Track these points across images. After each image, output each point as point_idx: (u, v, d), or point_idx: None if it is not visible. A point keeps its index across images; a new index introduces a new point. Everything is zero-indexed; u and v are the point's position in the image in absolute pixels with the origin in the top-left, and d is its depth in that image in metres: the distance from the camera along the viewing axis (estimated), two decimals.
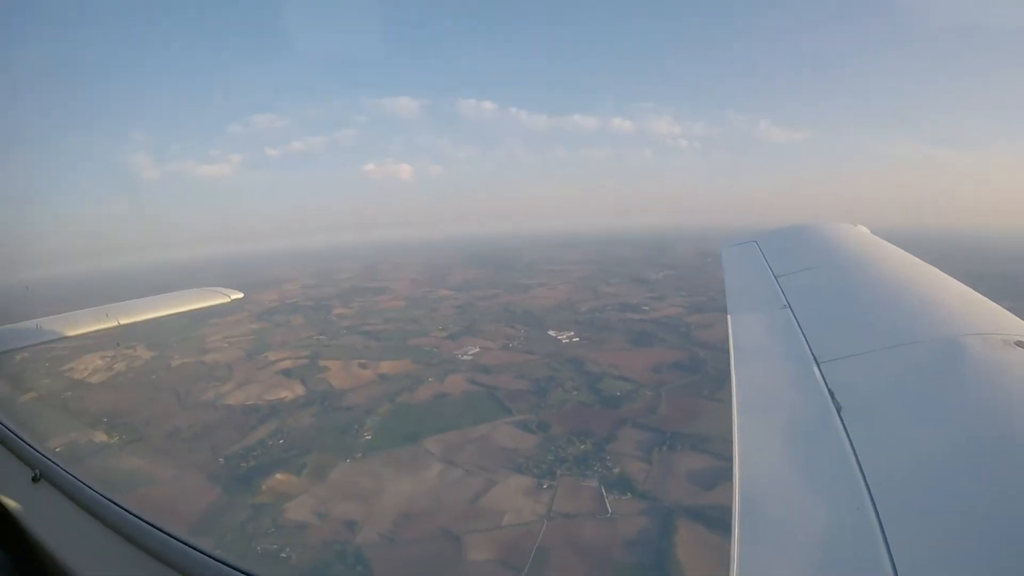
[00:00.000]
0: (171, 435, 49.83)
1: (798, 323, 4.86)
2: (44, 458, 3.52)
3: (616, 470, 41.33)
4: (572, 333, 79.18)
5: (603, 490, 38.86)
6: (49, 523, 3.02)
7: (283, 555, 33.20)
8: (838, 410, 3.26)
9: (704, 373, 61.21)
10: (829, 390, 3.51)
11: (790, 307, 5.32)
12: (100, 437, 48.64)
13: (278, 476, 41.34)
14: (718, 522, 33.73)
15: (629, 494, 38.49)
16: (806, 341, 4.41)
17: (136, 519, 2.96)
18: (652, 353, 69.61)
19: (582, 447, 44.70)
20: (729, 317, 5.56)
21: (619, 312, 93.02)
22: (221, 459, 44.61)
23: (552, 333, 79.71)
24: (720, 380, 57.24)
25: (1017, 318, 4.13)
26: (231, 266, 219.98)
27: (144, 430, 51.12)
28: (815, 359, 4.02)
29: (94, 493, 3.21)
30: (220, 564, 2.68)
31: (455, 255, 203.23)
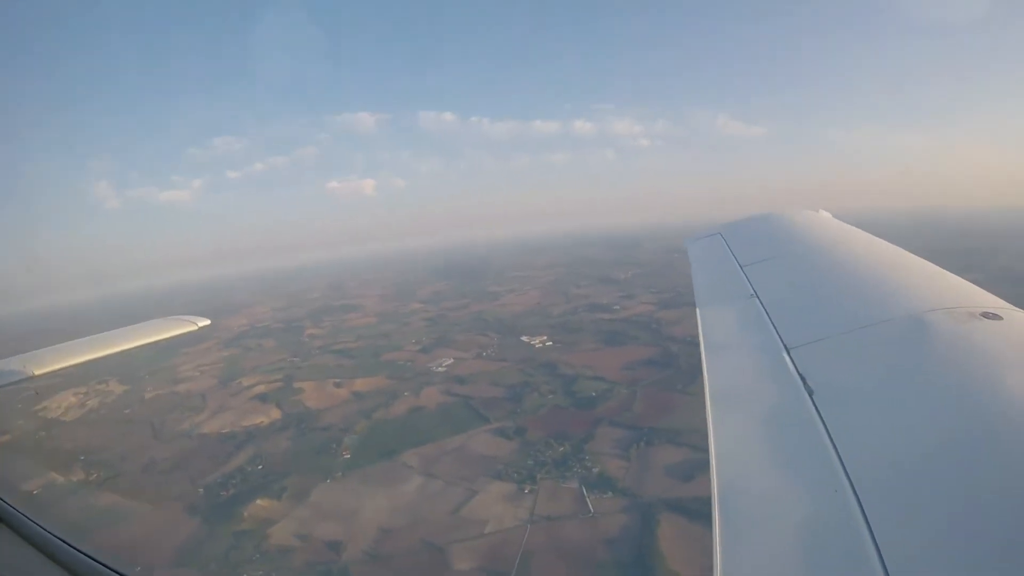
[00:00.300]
0: (147, 468, 49.51)
1: (766, 311, 4.92)
2: (5, 504, 3.58)
3: (596, 469, 41.86)
4: (545, 337, 79.96)
5: (584, 490, 39.27)
6: (8, 569, 3.13)
7: None
8: (810, 394, 3.29)
9: (677, 368, 62.32)
10: (800, 375, 3.55)
11: (757, 296, 5.37)
12: (77, 475, 48.00)
13: (259, 502, 41.23)
14: (699, 513, 34.38)
15: (610, 492, 38.98)
16: (774, 328, 4.47)
17: (95, 563, 3.03)
18: (625, 351, 70.61)
19: (560, 449, 45.15)
20: (697, 310, 5.57)
21: (590, 313, 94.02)
22: (200, 489, 44.29)
23: (525, 339, 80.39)
24: (693, 374, 58.46)
25: (982, 290, 4.25)
26: (197, 292, 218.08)
27: (120, 465, 50.72)
28: (784, 346, 4.08)
29: (53, 538, 3.26)
30: None
31: (424, 268, 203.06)
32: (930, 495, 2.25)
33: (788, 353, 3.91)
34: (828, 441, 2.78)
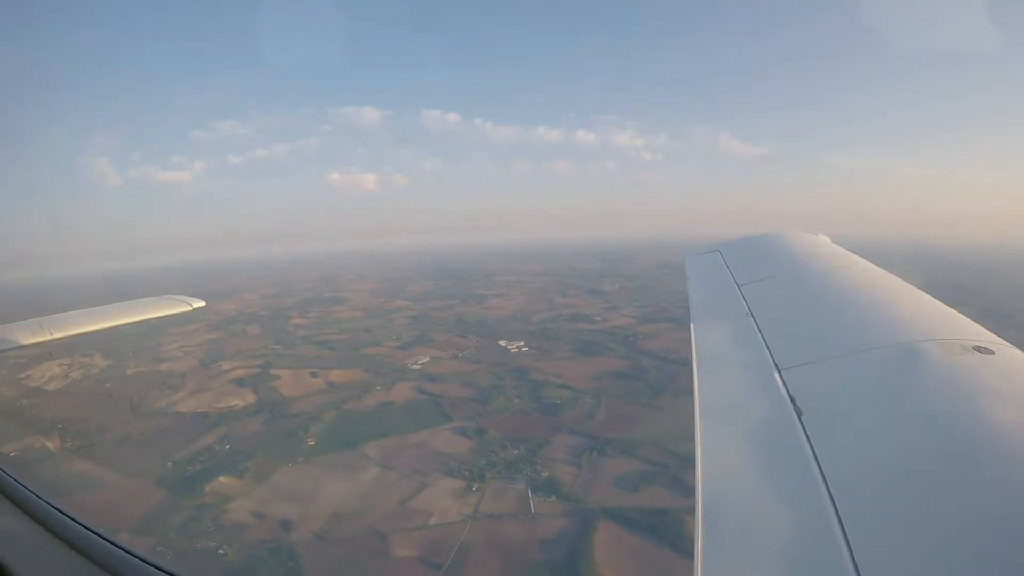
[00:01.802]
0: (122, 441, 51.57)
1: (760, 331, 4.95)
2: None
3: (545, 474, 43.32)
4: (522, 343, 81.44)
5: (529, 492, 40.78)
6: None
7: (220, 552, 35.25)
8: (799, 415, 3.32)
9: (644, 381, 64.14)
10: (790, 396, 3.58)
11: (752, 315, 5.41)
12: (54, 443, 50.01)
13: (221, 479, 43.31)
14: (638, 524, 36.36)
15: (554, 496, 40.26)
16: (768, 349, 4.50)
17: (81, 527, 3.05)
18: (597, 362, 72.11)
19: (515, 452, 46.73)
20: (692, 325, 5.60)
21: (571, 322, 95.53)
22: (169, 463, 46.25)
23: (503, 343, 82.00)
24: (659, 387, 60.65)
25: (975, 323, 4.29)
26: (192, 275, 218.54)
27: (96, 436, 52.79)
28: (776, 366, 4.11)
29: (39, 500, 3.31)
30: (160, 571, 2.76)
31: (417, 266, 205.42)
32: (913, 523, 2.27)
33: (779, 373, 3.98)
34: (814, 463, 2.82)
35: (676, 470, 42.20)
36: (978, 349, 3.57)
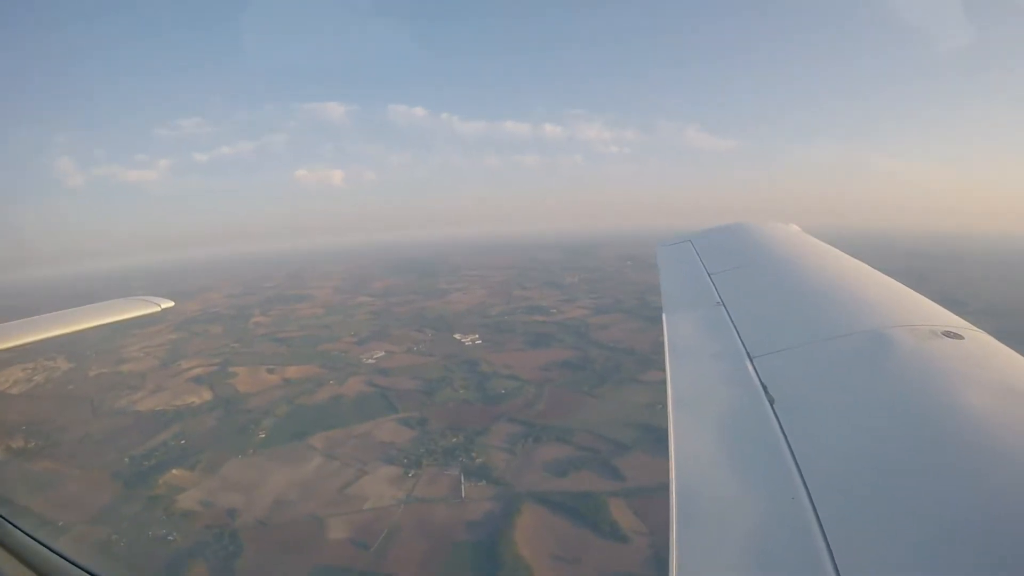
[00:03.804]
0: (83, 440, 54.33)
1: (731, 320, 4.95)
2: None
3: (479, 460, 46.05)
4: (476, 336, 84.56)
5: (462, 477, 43.57)
6: None
7: (169, 539, 38.11)
8: (771, 403, 3.34)
9: (590, 370, 67.47)
10: (762, 384, 3.60)
11: (723, 304, 5.40)
12: (18, 443, 52.90)
13: (174, 472, 46.28)
14: (561, 506, 39.39)
15: (484, 481, 43.04)
16: (739, 337, 4.50)
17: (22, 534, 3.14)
18: (546, 353, 75.34)
19: (454, 440, 49.60)
20: (664, 315, 5.56)
21: (527, 315, 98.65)
22: (126, 459, 49.05)
23: (457, 336, 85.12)
24: (604, 376, 64.20)
25: (944, 309, 4.29)
26: (159, 275, 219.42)
27: (58, 436, 55.46)
28: (748, 354, 4.12)
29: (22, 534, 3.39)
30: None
31: (383, 262, 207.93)
32: (884, 504, 2.29)
33: (751, 361, 3.98)
34: (787, 449, 2.84)
35: (606, 455, 45.94)
36: (947, 334, 3.62)
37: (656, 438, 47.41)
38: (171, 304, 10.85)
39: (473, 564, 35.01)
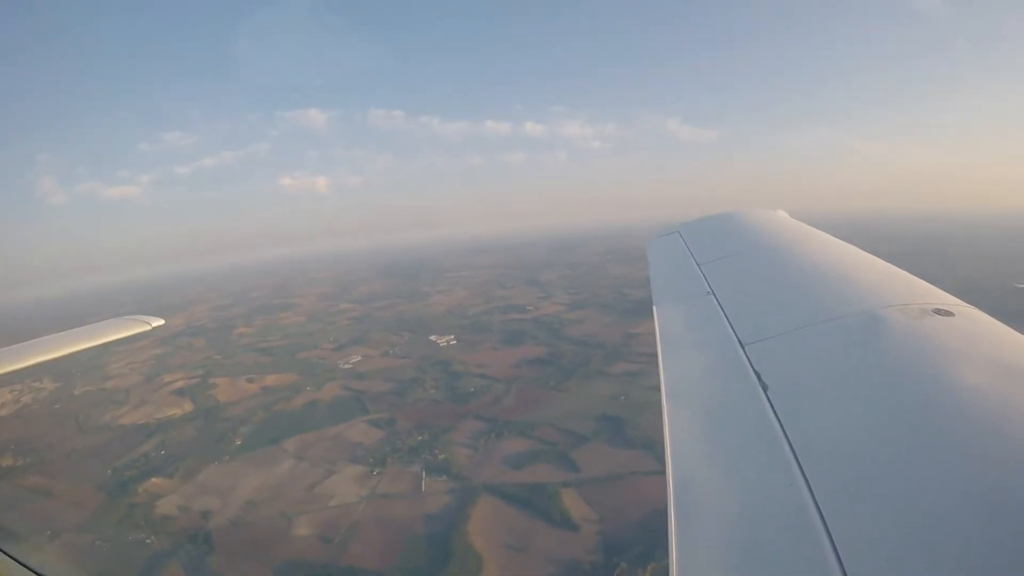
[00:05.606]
0: (70, 455, 56.81)
1: (722, 308, 4.94)
2: None
3: (442, 456, 48.27)
4: (452, 337, 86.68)
5: (424, 473, 45.81)
6: None
7: (148, 542, 40.69)
8: (765, 390, 3.33)
9: (559, 366, 69.73)
10: (755, 371, 3.58)
11: (713, 293, 5.39)
12: (7, 462, 55.85)
13: (154, 480, 48.85)
14: (514, 497, 41.52)
15: (445, 476, 45.13)
16: (730, 325, 4.50)
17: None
18: (519, 351, 77.58)
19: (419, 438, 51.87)
20: (654, 307, 5.57)
21: (504, 314, 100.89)
22: (109, 471, 51.56)
23: (434, 338, 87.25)
24: (572, 371, 66.85)
25: (934, 287, 4.30)
26: (147, 290, 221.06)
27: (46, 453, 57.90)
28: (740, 342, 4.11)
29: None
30: None
31: (369, 267, 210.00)
32: (883, 488, 2.27)
33: (743, 349, 3.98)
34: (782, 436, 2.83)
35: (564, 447, 48.27)
36: (938, 312, 3.59)
37: (615, 429, 50.44)
38: (162, 322, 11.54)
39: (427, 554, 36.98)
